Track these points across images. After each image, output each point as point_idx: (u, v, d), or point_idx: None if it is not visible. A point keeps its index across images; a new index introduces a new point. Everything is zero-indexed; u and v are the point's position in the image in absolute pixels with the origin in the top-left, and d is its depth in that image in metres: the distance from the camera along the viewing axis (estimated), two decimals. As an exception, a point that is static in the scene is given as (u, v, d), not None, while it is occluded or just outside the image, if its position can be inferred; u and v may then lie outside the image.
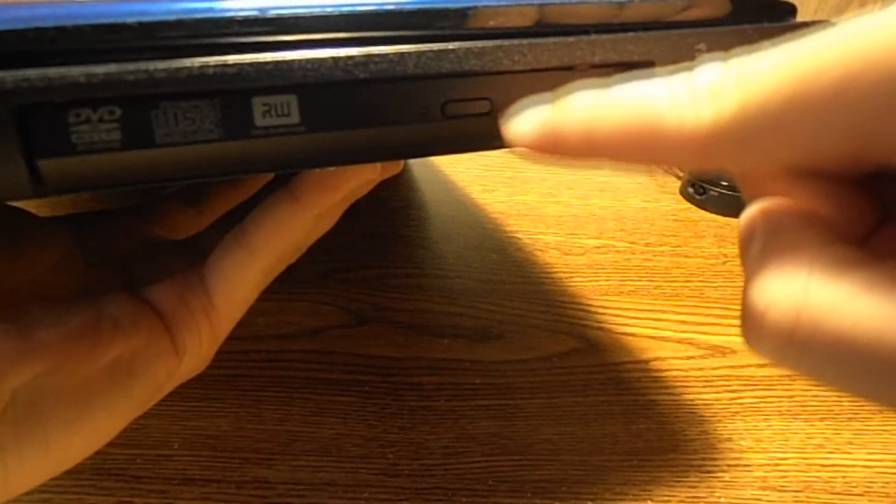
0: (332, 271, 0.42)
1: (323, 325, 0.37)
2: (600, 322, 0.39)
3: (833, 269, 0.11)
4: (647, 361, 0.36)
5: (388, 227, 0.48)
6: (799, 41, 0.11)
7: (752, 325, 0.12)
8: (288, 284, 0.40)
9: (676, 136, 0.12)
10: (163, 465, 0.28)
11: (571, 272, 0.44)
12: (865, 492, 0.29)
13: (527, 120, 0.15)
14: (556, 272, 0.44)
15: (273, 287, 0.22)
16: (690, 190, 0.54)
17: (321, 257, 0.43)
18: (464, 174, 0.57)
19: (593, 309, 0.40)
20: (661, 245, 0.48)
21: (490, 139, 0.17)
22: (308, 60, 0.14)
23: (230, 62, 0.14)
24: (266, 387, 0.33)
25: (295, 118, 0.15)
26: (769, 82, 0.11)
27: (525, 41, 0.16)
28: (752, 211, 0.14)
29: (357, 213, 0.49)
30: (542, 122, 0.14)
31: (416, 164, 0.59)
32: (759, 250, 0.13)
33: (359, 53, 0.15)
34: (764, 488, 0.29)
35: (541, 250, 0.46)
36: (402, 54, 0.15)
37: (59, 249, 0.21)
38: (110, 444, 0.29)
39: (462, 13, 0.17)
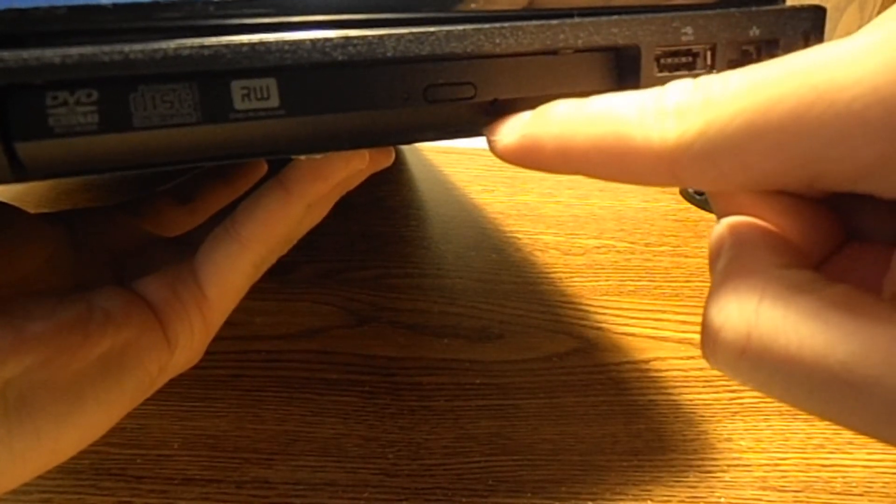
0: (332, 271, 0.42)
1: (323, 325, 0.37)
2: (600, 322, 0.39)
3: (784, 293, 0.12)
4: (647, 361, 0.36)
5: (388, 228, 0.48)
6: (761, 67, 0.12)
7: (708, 339, 0.13)
8: (288, 284, 0.40)
9: (643, 153, 0.13)
10: (163, 465, 0.28)
11: (571, 272, 0.44)
12: (865, 492, 0.29)
13: (507, 129, 0.15)
14: (556, 272, 0.44)
15: (273, 287, 0.22)
16: (690, 190, 0.54)
17: (321, 257, 0.43)
18: (464, 174, 0.57)
19: (593, 309, 0.40)
20: (661, 245, 0.48)
21: (475, 125, 0.17)
22: (285, 42, 0.14)
23: (207, 44, 0.14)
24: (266, 387, 0.33)
25: (275, 102, 0.14)
26: (730, 107, 0.12)
27: (507, 24, 0.16)
28: (720, 228, 0.14)
29: (356, 213, 0.49)
30: (520, 132, 0.15)
31: (414, 163, 0.59)
32: (721, 268, 0.13)
33: (337, 36, 0.14)
34: (764, 488, 0.29)
35: (541, 250, 0.46)
36: (381, 37, 0.15)
37: (51, 245, 0.21)
38: (110, 444, 0.29)
39: None
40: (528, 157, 0.15)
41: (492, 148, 0.16)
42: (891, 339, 0.10)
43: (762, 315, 0.12)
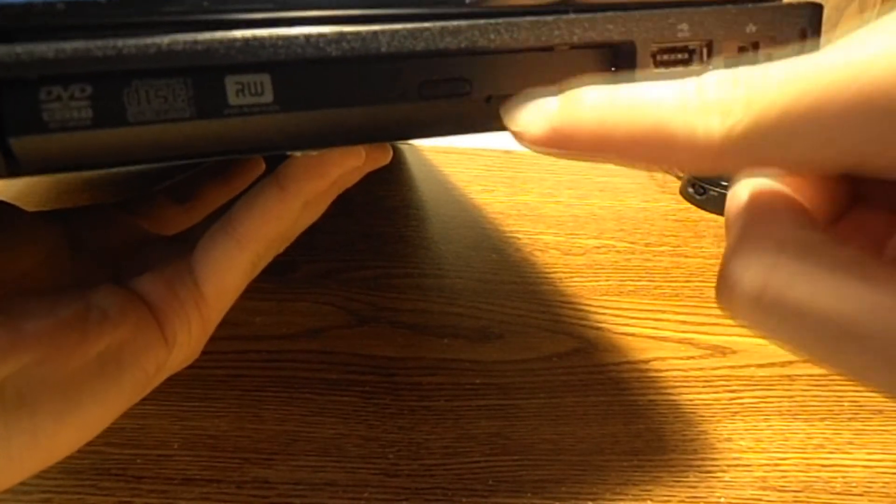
0: (332, 271, 0.42)
1: (323, 325, 0.37)
2: (600, 322, 0.39)
3: (801, 251, 0.13)
4: (647, 361, 0.36)
5: (388, 227, 0.48)
6: (808, 58, 0.12)
7: (726, 287, 0.14)
8: (287, 284, 0.40)
9: (686, 146, 0.13)
10: (163, 465, 0.28)
11: (571, 272, 0.44)
12: (865, 492, 0.29)
13: (534, 116, 0.15)
14: (556, 272, 0.44)
15: (273, 287, 0.22)
16: (690, 190, 0.54)
17: (320, 257, 0.43)
18: (464, 174, 0.57)
19: (593, 309, 0.40)
20: (661, 245, 0.48)
21: (470, 121, 0.17)
22: (279, 37, 0.14)
23: (200, 39, 0.14)
24: (266, 387, 0.33)
25: (269, 97, 0.14)
26: (782, 99, 0.12)
27: (501, 20, 0.16)
28: (739, 191, 0.15)
29: (356, 212, 0.49)
30: (550, 122, 0.15)
31: (414, 163, 0.59)
32: (742, 225, 0.14)
33: (331, 31, 0.14)
34: (764, 488, 0.29)
35: (541, 250, 0.46)
36: (375, 32, 0.15)
37: (48, 243, 0.21)
38: (110, 444, 0.29)
39: None
40: (559, 148, 0.15)
41: (517, 138, 0.16)
42: (892, 298, 0.11)
43: (780, 268, 0.13)
